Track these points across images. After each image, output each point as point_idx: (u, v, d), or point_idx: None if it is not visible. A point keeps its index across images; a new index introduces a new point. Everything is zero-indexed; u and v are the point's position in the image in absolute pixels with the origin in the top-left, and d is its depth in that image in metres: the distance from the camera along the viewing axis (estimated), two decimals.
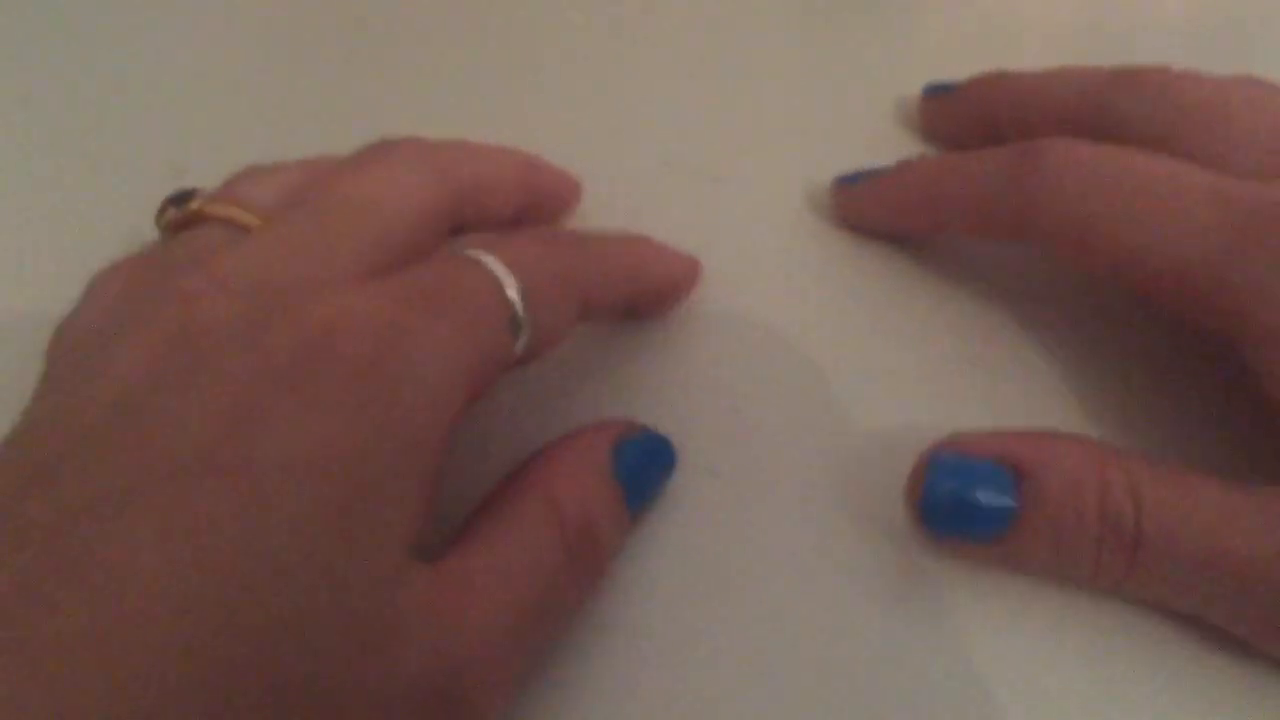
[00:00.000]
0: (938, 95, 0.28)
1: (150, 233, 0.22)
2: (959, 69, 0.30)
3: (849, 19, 0.33)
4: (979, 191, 0.23)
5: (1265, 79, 0.23)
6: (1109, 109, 0.23)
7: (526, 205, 0.24)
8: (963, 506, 0.19)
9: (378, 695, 0.15)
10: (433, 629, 0.16)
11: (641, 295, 0.24)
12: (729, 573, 0.21)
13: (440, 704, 0.16)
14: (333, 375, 0.16)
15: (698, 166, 0.28)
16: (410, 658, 0.15)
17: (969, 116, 0.28)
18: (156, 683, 0.13)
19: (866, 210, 0.26)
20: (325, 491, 0.15)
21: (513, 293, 0.18)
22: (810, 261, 0.26)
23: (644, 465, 0.21)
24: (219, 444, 0.15)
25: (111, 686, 0.13)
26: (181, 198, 0.20)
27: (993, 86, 0.27)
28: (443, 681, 0.16)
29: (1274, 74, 0.23)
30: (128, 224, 0.21)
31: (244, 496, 0.14)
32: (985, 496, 0.19)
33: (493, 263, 0.19)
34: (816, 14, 0.33)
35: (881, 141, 0.29)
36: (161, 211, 0.21)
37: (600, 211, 0.27)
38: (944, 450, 0.20)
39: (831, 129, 0.30)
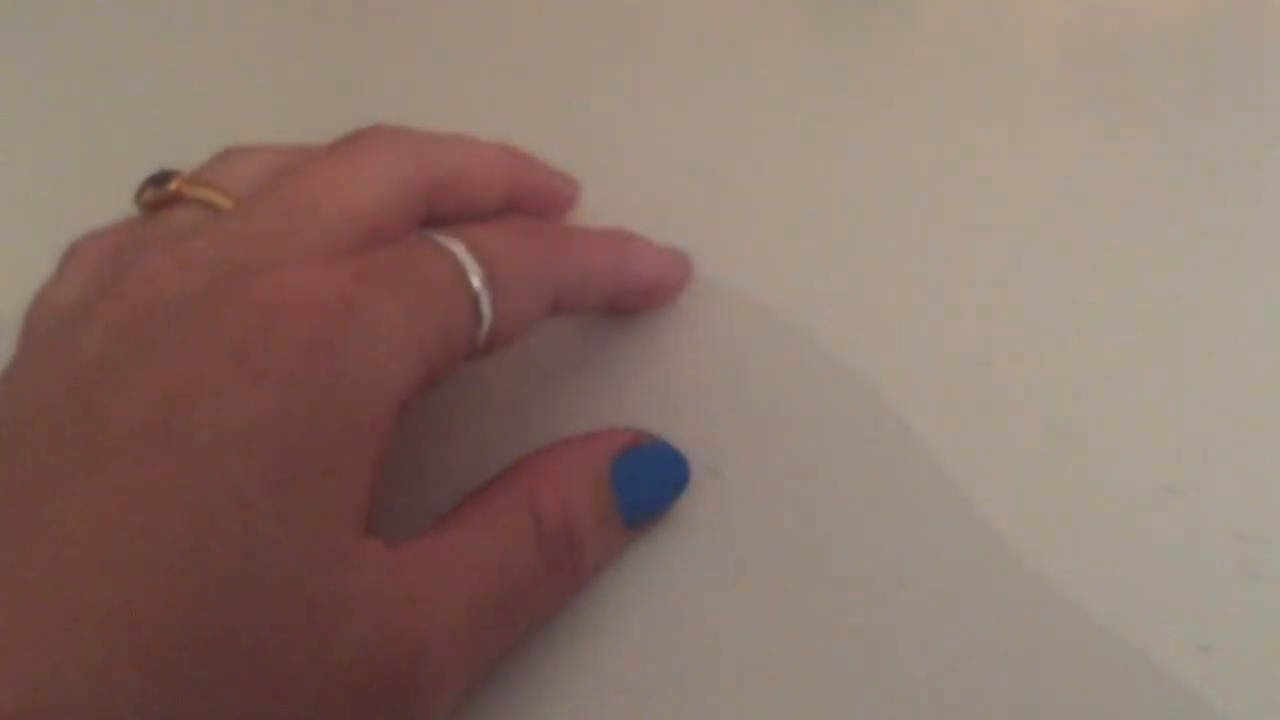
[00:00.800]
0: None
1: None
2: (959, 69, 0.30)
3: (849, 19, 0.33)
4: None
5: None
6: None
7: (515, 200, 0.24)
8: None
9: (322, 668, 0.15)
10: (383, 608, 0.16)
11: (624, 292, 0.24)
12: (729, 572, 0.21)
13: (388, 683, 0.16)
14: (278, 349, 0.16)
15: (698, 167, 0.28)
16: (356, 634, 0.15)
17: None
18: (99, 644, 0.13)
19: None
20: (264, 462, 0.15)
21: (475, 279, 0.18)
22: (811, 261, 0.26)
23: (649, 478, 0.21)
24: (163, 416, 0.15)
25: (57, 647, 0.13)
26: (161, 178, 0.21)
27: None
28: (391, 661, 0.16)
29: (1268, 75, 0.24)
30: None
31: (183, 466, 0.15)
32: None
33: (457, 248, 0.19)
34: (817, 14, 0.33)
35: (882, 141, 0.29)
36: (141, 191, 0.21)
37: (600, 212, 0.27)
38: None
39: (831, 129, 0.30)
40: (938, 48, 0.32)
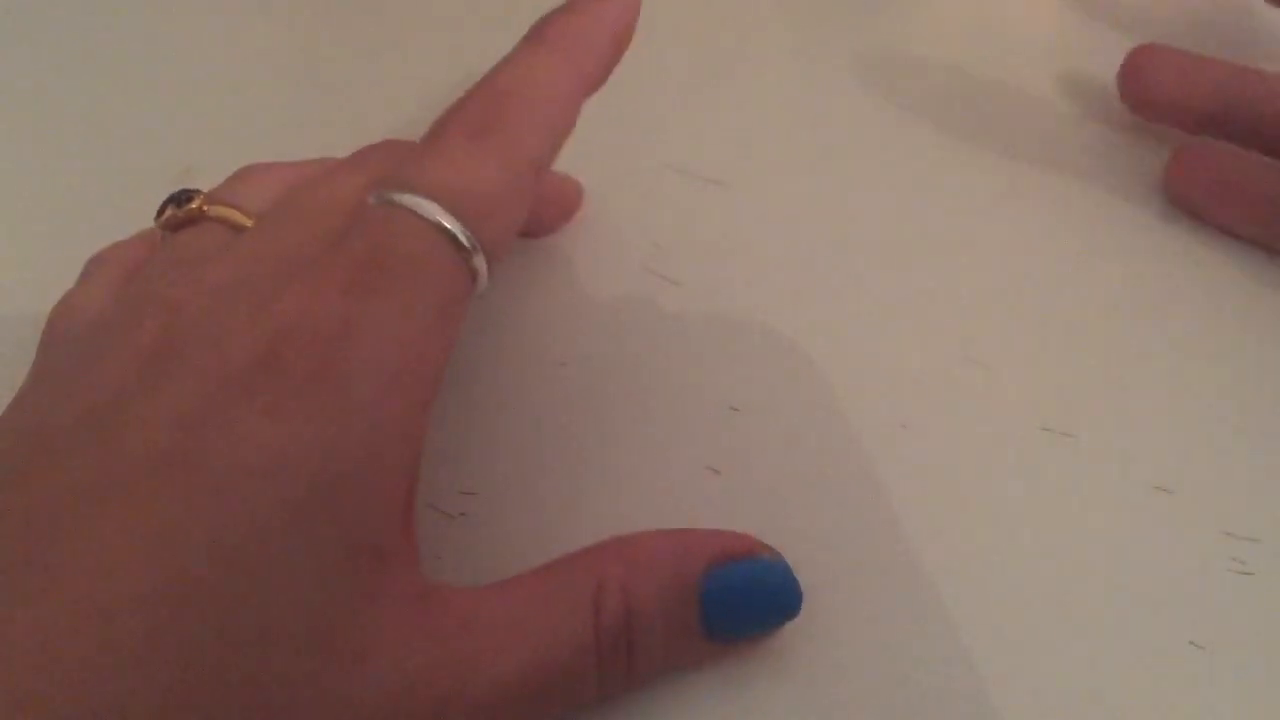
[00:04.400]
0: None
1: None
2: (958, 72, 0.31)
3: (850, 22, 0.33)
4: None
5: None
6: None
7: None
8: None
9: (341, 711, 0.15)
10: (408, 652, 0.15)
11: (590, 87, 0.21)
12: None
13: None
14: (286, 383, 0.15)
15: (700, 170, 0.29)
16: (378, 677, 0.15)
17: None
18: (126, 678, 0.13)
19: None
20: (283, 494, 0.15)
21: (462, 236, 0.17)
22: (810, 262, 0.27)
23: (747, 599, 0.19)
24: (179, 444, 0.15)
25: (82, 679, 0.13)
26: (181, 198, 0.21)
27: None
28: (412, 711, 0.15)
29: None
30: (140, 224, 0.22)
31: (201, 497, 0.14)
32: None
33: (432, 210, 0.17)
34: (817, 17, 0.34)
35: (882, 144, 0.30)
36: (161, 210, 0.21)
37: (603, 215, 0.27)
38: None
39: (832, 131, 0.30)
40: (938, 50, 0.33)
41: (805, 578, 0.21)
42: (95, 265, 0.21)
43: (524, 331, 0.25)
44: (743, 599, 0.19)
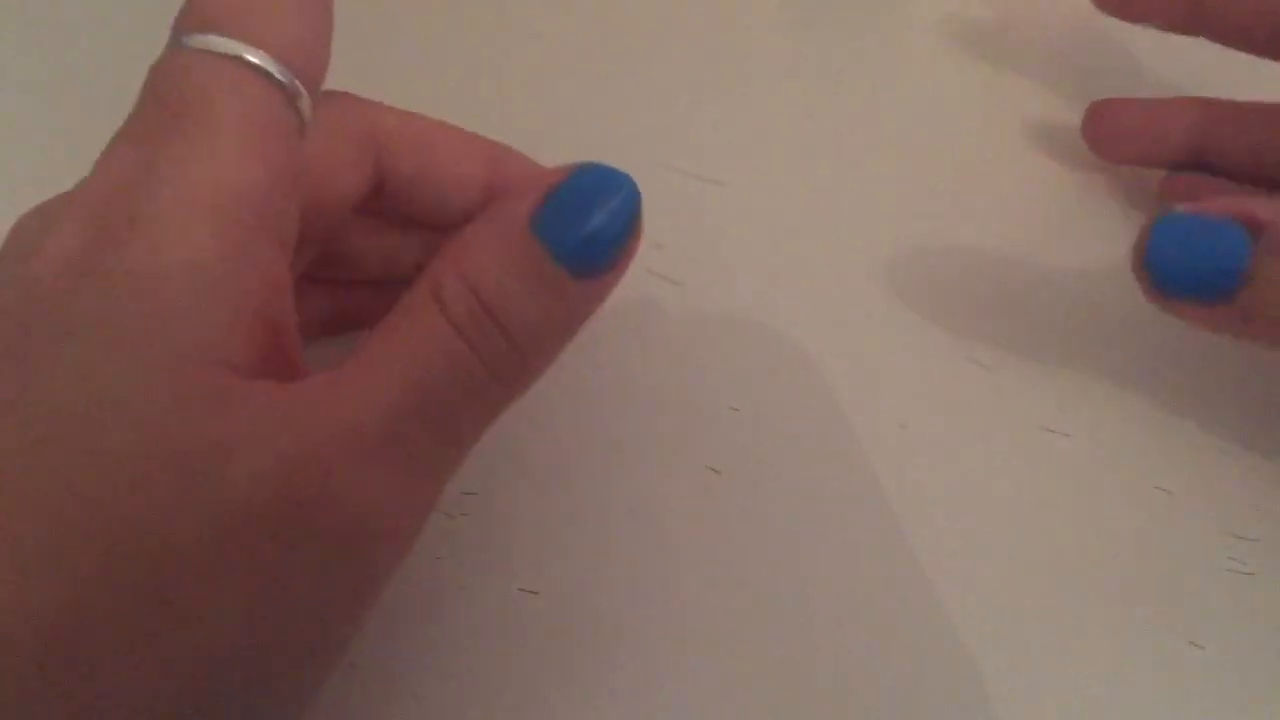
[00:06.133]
0: None
1: None
2: (956, 74, 0.31)
3: (848, 24, 0.33)
4: None
5: None
6: None
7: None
8: (1191, 260, 0.19)
9: (221, 514, 0.15)
10: (272, 441, 0.15)
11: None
12: (729, 570, 0.21)
13: (299, 509, 0.15)
14: (96, 231, 0.16)
15: (700, 170, 0.29)
16: (246, 471, 0.15)
17: None
18: None
19: None
20: (108, 340, 0.15)
21: (248, 53, 0.17)
22: (810, 262, 0.27)
23: (580, 212, 0.18)
24: (12, 339, 0.15)
25: None
26: None
27: None
28: (293, 487, 0.15)
29: (1270, 76, 0.24)
30: None
31: (31, 372, 0.15)
32: (1216, 249, 0.19)
33: (225, 43, 0.17)
34: (816, 19, 0.34)
35: (880, 144, 0.30)
36: None
37: None
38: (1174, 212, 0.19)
39: (831, 132, 0.30)
40: (935, 52, 0.33)
41: (805, 577, 0.21)
42: None
43: None
44: (577, 215, 0.18)
